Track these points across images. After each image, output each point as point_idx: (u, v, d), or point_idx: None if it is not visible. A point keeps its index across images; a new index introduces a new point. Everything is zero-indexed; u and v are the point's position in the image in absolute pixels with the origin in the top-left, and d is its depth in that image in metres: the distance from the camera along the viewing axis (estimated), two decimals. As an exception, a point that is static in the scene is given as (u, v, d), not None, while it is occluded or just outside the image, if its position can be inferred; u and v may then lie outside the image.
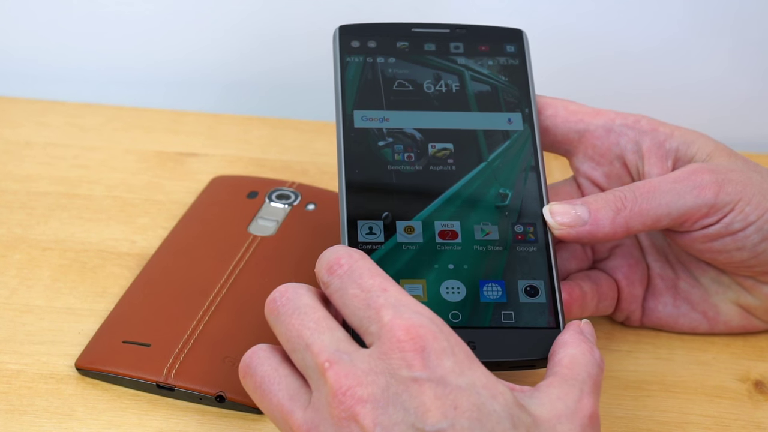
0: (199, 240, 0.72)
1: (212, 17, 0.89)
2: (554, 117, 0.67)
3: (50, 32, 0.90)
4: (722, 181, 0.63)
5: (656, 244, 0.69)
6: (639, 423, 0.64)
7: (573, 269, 0.68)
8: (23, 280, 0.71)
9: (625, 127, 0.66)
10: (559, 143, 0.67)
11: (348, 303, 0.54)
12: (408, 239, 0.61)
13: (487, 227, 0.62)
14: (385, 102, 0.66)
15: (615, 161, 0.67)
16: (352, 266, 0.55)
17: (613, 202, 0.62)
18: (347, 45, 0.67)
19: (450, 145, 0.65)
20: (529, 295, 0.61)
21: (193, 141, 0.84)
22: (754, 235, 0.63)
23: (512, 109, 0.66)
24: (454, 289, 0.60)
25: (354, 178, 0.63)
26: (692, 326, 0.69)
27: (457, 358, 0.52)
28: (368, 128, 0.65)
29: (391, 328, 0.52)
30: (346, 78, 0.66)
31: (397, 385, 0.51)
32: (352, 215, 0.62)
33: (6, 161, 0.80)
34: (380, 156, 0.64)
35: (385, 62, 0.67)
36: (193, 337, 0.65)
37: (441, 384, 0.51)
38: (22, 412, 0.62)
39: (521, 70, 0.68)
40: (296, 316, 0.55)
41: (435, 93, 0.67)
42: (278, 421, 0.55)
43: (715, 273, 0.67)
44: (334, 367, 0.52)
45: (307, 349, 0.54)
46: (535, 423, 0.52)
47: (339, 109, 0.65)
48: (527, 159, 0.65)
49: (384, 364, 0.52)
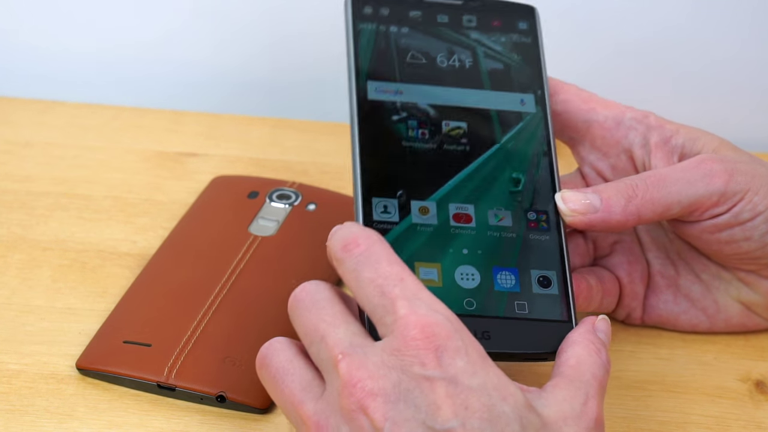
0: (200, 240, 0.72)
1: (213, 18, 0.89)
2: (566, 103, 0.66)
3: (50, 32, 0.90)
4: (732, 170, 0.63)
5: (657, 240, 0.69)
6: (640, 423, 0.64)
7: (575, 265, 0.68)
8: (23, 280, 0.71)
9: (634, 121, 0.66)
10: (566, 129, 0.67)
11: (363, 286, 0.54)
12: (423, 220, 0.60)
13: (501, 212, 0.61)
14: (398, 74, 0.64)
15: (622, 154, 0.67)
16: (369, 248, 0.55)
17: (624, 191, 0.62)
18: (359, 11, 0.65)
19: (464, 124, 0.63)
20: (542, 286, 0.60)
21: (193, 141, 0.84)
22: (762, 225, 0.63)
23: (525, 90, 0.65)
24: (468, 276, 0.59)
25: (368, 154, 0.61)
26: (692, 323, 0.68)
27: (470, 358, 0.52)
28: (382, 101, 0.63)
29: (406, 323, 0.52)
30: (360, 46, 0.64)
31: (409, 382, 0.51)
32: (368, 192, 0.60)
33: (6, 161, 0.80)
34: (394, 131, 0.62)
35: (398, 32, 0.65)
36: (194, 337, 0.65)
37: (453, 383, 0.51)
38: (22, 412, 0.62)
39: (533, 49, 0.66)
40: (314, 309, 0.55)
41: (448, 68, 0.65)
42: (289, 412, 0.55)
43: (716, 269, 0.67)
44: (346, 359, 0.52)
45: (322, 341, 0.54)
46: (543, 424, 0.52)
47: (352, 80, 0.63)
48: (540, 144, 0.64)
49: (397, 360, 0.51)
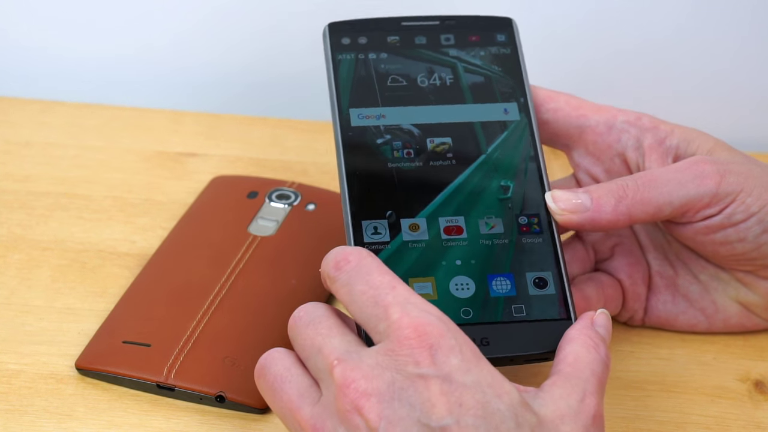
0: (199, 240, 0.72)
1: (213, 18, 0.89)
2: (556, 111, 0.67)
3: (50, 32, 0.90)
4: (724, 172, 0.63)
5: (655, 242, 0.69)
6: (640, 423, 0.64)
7: (576, 272, 0.68)
8: (23, 280, 0.71)
9: (627, 124, 0.66)
10: (560, 137, 0.67)
11: (356, 299, 0.55)
12: (413, 237, 0.61)
13: (492, 221, 0.62)
14: (380, 99, 0.66)
15: (616, 158, 0.67)
16: (360, 262, 0.56)
17: (615, 191, 0.62)
18: (338, 42, 0.67)
19: (448, 140, 0.64)
20: (539, 287, 0.60)
21: (193, 141, 0.84)
22: (755, 227, 0.63)
23: (507, 99, 0.66)
24: (463, 286, 0.60)
25: (355, 179, 0.63)
26: (691, 324, 0.68)
27: (464, 356, 0.52)
28: (365, 126, 0.65)
29: (399, 326, 0.52)
30: (340, 76, 0.66)
31: (403, 381, 0.51)
32: (356, 216, 0.61)
33: (6, 161, 0.80)
34: (379, 154, 0.64)
35: (377, 58, 0.67)
36: (194, 337, 0.65)
37: (447, 381, 0.51)
38: (22, 412, 0.62)
39: (513, 58, 0.67)
40: (311, 326, 0.56)
41: (429, 87, 0.66)
42: (287, 419, 0.55)
43: (714, 269, 0.67)
44: (341, 364, 0.52)
45: (319, 352, 0.54)
46: (539, 423, 0.52)
47: (335, 109, 0.65)
48: (526, 149, 0.64)
49: (391, 360, 0.52)
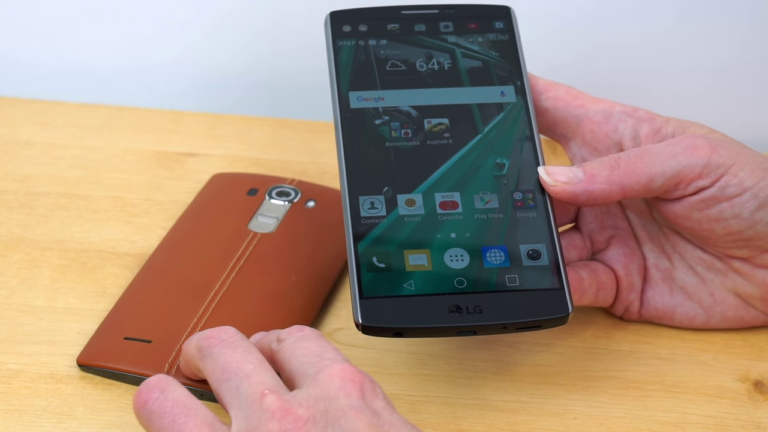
0: (200, 237, 0.72)
1: (213, 18, 0.89)
2: (555, 99, 0.68)
3: (50, 32, 0.90)
4: (715, 145, 0.64)
5: (651, 234, 0.69)
6: (639, 423, 0.64)
7: (572, 260, 0.69)
8: (23, 280, 0.71)
9: (624, 114, 0.68)
10: (558, 126, 0.68)
11: (296, 352, 0.56)
12: (409, 212, 0.63)
13: (487, 196, 0.63)
14: (379, 82, 0.67)
15: (612, 147, 0.67)
16: (305, 331, 0.57)
17: (607, 162, 0.64)
18: (339, 30, 0.68)
19: (445, 120, 0.66)
20: (532, 259, 0.62)
21: (193, 141, 0.84)
22: (750, 202, 0.64)
23: (504, 83, 0.67)
24: (457, 257, 0.61)
25: (353, 156, 0.64)
26: (689, 317, 0.69)
27: (387, 402, 0.54)
28: (364, 108, 0.66)
29: (331, 369, 0.54)
30: (340, 61, 0.67)
31: (336, 411, 0.53)
32: (354, 191, 0.63)
33: (6, 161, 0.80)
34: (377, 134, 0.65)
35: (377, 44, 0.68)
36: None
37: (376, 415, 0.53)
38: (21, 412, 0.62)
39: (511, 45, 0.69)
40: (240, 351, 0.56)
41: (428, 71, 0.68)
42: None
43: (711, 260, 0.68)
44: (274, 394, 0.53)
45: (245, 378, 0.54)
46: None
47: (334, 92, 0.66)
48: (522, 129, 0.66)
49: (323, 391, 0.53)
